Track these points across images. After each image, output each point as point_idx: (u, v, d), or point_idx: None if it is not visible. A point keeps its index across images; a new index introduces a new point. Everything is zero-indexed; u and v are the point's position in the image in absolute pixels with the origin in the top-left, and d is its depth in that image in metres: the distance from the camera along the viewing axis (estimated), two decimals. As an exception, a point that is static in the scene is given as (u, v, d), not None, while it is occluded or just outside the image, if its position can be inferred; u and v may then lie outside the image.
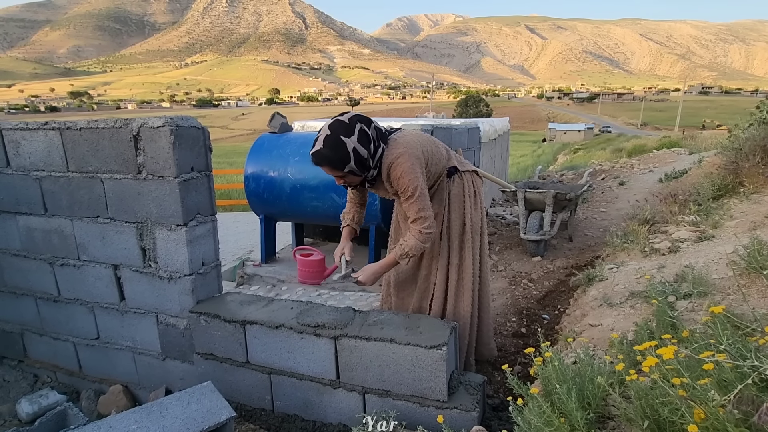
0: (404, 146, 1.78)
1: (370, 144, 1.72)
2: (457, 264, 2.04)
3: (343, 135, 1.67)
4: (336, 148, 1.67)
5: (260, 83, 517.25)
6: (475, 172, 2.13)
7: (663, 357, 0.99)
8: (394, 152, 1.76)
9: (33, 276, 2.31)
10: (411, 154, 1.77)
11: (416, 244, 1.80)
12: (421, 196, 1.76)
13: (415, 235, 1.79)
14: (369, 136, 1.72)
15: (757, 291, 1.83)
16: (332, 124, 1.71)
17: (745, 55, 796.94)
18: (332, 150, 1.67)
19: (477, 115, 40.41)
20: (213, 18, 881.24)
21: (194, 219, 1.96)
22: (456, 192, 2.01)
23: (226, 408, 1.59)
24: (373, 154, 1.73)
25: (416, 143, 1.84)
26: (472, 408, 1.63)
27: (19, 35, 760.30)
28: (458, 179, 2.03)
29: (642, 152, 11.30)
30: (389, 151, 1.77)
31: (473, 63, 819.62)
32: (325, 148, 1.68)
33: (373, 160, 1.75)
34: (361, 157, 1.70)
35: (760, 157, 3.73)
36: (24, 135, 2.09)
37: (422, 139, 1.91)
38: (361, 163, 1.71)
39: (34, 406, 2.11)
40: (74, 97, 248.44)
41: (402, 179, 1.74)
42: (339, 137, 1.67)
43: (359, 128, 1.70)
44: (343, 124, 1.70)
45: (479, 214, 2.09)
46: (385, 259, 1.91)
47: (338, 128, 1.69)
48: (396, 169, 1.74)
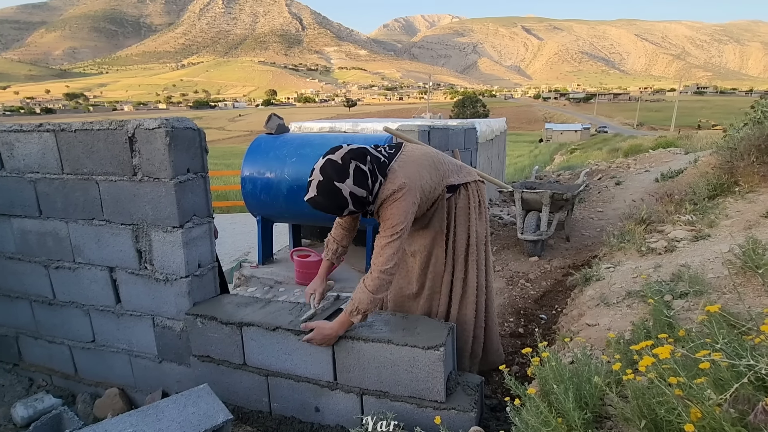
0: (406, 178, 1.64)
1: (367, 181, 1.57)
2: (462, 278, 1.99)
3: (336, 180, 1.53)
4: (331, 195, 1.54)
5: (257, 84, 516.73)
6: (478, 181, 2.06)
7: (659, 356, 1.00)
8: (394, 184, 1.62)
9: (28, 279, 2.29)
10: (410, 190, 1.63)
11: (367, 296, 1.60)
12: (402, 236, 1.62)
13: (370, 283, 1.61)
14: (365, 173, 1.57)
15: (753, 290, 1.84)
16: (324, 167, 1.56)
17: (740, 56, 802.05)
18: (327, 198, 1.54)
19: (474, 116, 40.48)
20: (209, 19, 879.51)
21: (190, 221, 1.95)
22: (462, 205, 1.95)
23: (222, 411, 1.58)
24: (371, 189, 1.60)
25: (416, 175, 1.69)
26: (469, 409, 1.63)
27: (14, 37, 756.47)
28: (463, 191, 1.96)
29: (638, 152, 11.35)
30: (389, 182, 1.63)
31: (470, 64, 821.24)
32: (319, 195, 1.55)
33: (373, 195, 1.61)
34: (359, 199, 1.57)
35: (755, 157, 3.75)
36: (18, 137, 2.08)
37: (426, 163, 1.77)
38: (360, 203, 1.59)
39: (29, 410, 2.09)
40: (70, 98, 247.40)
41: (393, 217, 1.61)
42: (333, 184, 1.53)
43: (354, 167, 1.55)
44: (336, 165, 1.54)
45: (483, 223, 2.04)
46: (338, 320, 1.69)
47: (331, 172, 1.54)
48: (390, 206, 1.62)
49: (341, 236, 1.93)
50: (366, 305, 1.62)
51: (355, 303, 1.63)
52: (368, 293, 1.61)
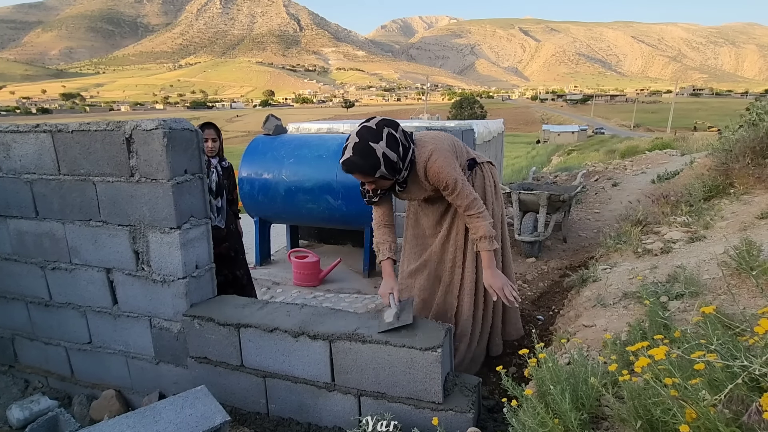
0: (432, 143, 1.79)
1: (398, 147, 1.71)
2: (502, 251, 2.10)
3: (371, 141, 1.67)
4: (366, 155, 1.66)
5: (255, 85, 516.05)
6: (490, 163, 2.17)
7: (655, 357, 1.00)
8: (425, 150, 1.77)
9: (24, 280, 2.28)
10: (442, 148, 1.78)
11: (486, 224, 1.80)
12: (465, 185, 1.79)
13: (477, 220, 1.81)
14: (397, 139, 1.72)
15: (748, 291, 1.85)
16: (360, 131, 1.70)
17: (735, 58, 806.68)
18: (362, 157, 1.66)
19: (471, 117, 40.55)
20: (207, 20, 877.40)
21: (188, 222, 1.95)
22: (479, 184, 2.04)
23: (220, 412, 1.58)
24: (403, 156, 1.73)
25: (442, 138, 1.86)
26: (467, 409, 1.64)
27: (10, 36, 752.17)
28: (479, 171, 2.06)
29: (635, 153, 11.40)
30: (420, 150, 1.78)
31: (467, 65, 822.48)
32: (355, 155, 1.67)
33: (404, 163, 1.74)
34: (391, 161, 1.69)
35: (750, 159, 3.77)
36: (15, 137, 2.07)
37: (444, 135, 1.93)
38: (392, 167, 1.71)
39: (25, 412, 2.08)
40: (66, 98, 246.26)
41: (441, 174, 1.75)
42: (368, 143, 1.66)
43: (387, 132, 1.69)
44: (371, 130, 1.69)
45: (500, 203, 2.13)
46: (487, 259, 1.85)
47: (366, 135, 1.68)
48: (433, 166, 1.75)
49: (385, 233, 1.99)
50: (491, 228, 1.82)
51: (484, 233, 1.81)
52: (486, 223, 1.80)
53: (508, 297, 1.86)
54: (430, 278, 2.11)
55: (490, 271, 1.87)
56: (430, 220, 2.07)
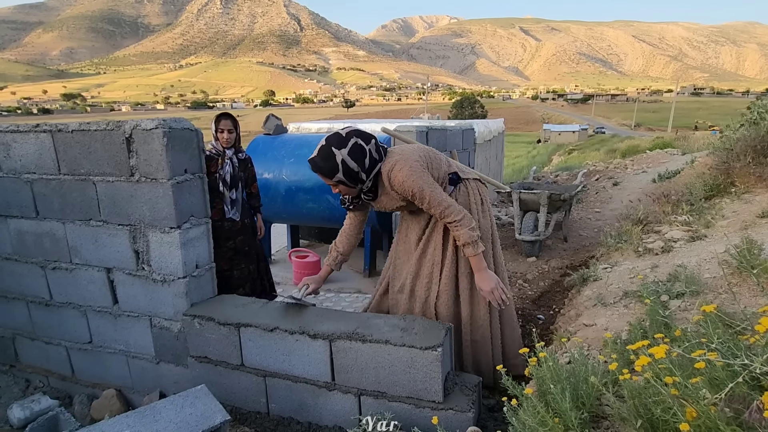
0: (399, 154, 1.82)
1: (364, 158, 1.76)
2: (468, 273, 1.98)
3: (334, 146, 1.74)
4: (326, 158, 1.74)
5: (255, 85, 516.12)
6: (479, 180, 2.12)
7: (655, 356, 1.00)
8: (389, 162, 1.80)
9: (24, 280, 2.28)
10: (407, 158, 1.79)
11: (465, 231, 1.78)
12: (435, 192, 1.76)
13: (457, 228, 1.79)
14: (365, 150, 1.76)
15: (748, 290, 1.85)
16: (329, 136, 1.78)
17: (736, 57, 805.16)
18: (322, 159, 1.75)
19: (472, 117, 40.54)
20: (207, 20, 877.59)
21: (188, 221, 1.95)
22: (462, 201, 1.98)
23: (220, 411, 1.58)
24: (368, 168, 1.77)
25: (412, 150, 1.89)
26: (467, 409, 1.63)
27: (11, 37, 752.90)
28: (463, 188, 2.01)
29: (635, 153, 11.39)
30: (385, 162, 1.82)
31: (468, 65, 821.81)
32: (317, 156, 1.76)
33: (368, 174, 1.78)
34: (350, 169, 1.74)
35: (751, 158, 3.76)
36: (15, 137, 2.07)
37: (418, 147, 1.97)
38: (351, 175, 1.76)
39: (25, 412, 2.09)
40: (67, 99, 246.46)
41: (406, 183, 1.75)
42: (330, 148, 1.74)
43: (353, 142, 1.75)
44: (340, 137, 1.76)
45: (488, 221, 2.05)
46: (476, 262, 1.83)
47: (332, 140, 1.76)
48: (398, 175, 1.76)
49: (343, 244, 2.06)
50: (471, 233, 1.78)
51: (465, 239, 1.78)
52: (464, 228, 1.78)
53: (497, 300, 1.83)
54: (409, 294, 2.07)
55: (479, 275, 1.84)
56: (415, 233, 2.05)
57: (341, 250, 2.06)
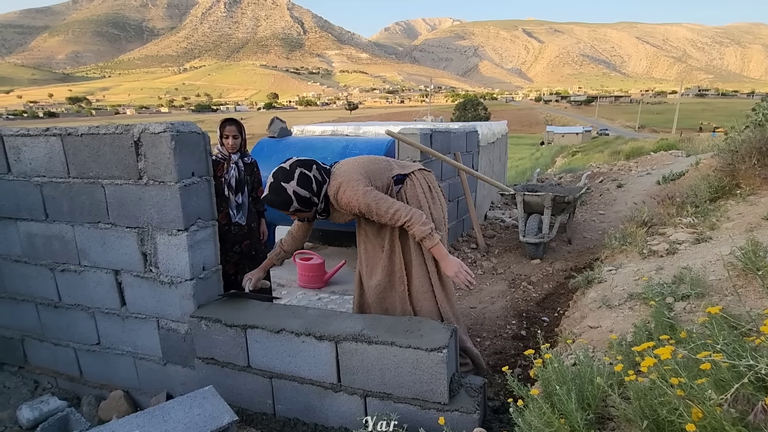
0: (341, 175, 1.92)
1: (311, 184, 1.89)
2: (436, 270, 2.04)
3: (282, 181, 1.87)
4: (278, 193, 1.87)
5: (259, 88, 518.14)
6: (423, 169, 2.17)
7: (661, 357, 1.01)
8: (334, 184, 1.92)
9: (34, 282, 2.31)
10: (350, 179, 1.89)
11: (417, 227, 1.84)
12: (380, 204, 1.84)
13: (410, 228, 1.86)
14: (309, 177, 1.89)
15: (754, 291, 1.85)
16: (275, 172, 1.90)
17: (741, 58, 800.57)
18: (275, 195, 1.87)
19: (475, 119, 40.51)
20: (211, 23, 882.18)
21: (195, 224, 1.97)
22: (411, 194, 2.04)
23: (228, 412, 1.59)
24: (316, 192, 1.91)
25: (353, 168, 1.96)
26: (473, 410, 1.64)
27: (17, 41, 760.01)
28: (409, 182, 2.07)
29: (639, 154, 11.35)
30: (330, 184, 1.93)
31: (471, 67, 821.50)
32: (270, 194, 1.89)
33: (318, 197, 1.92)
34: (303, 197, 1.88)
35: (756, 159, 3.75)
36: (25, 141, 2.10)
37: (359, 162, 2.02)
38: (305, 202, 1.89)
39: (34, 413, 2.11)
40: (73, 102, 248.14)
41: (352, 203, 1.87)
42: (280, 183, 1.87)
43: (299, 173, 1.88)
44: (284, 170, 1.89)
45: (438, 207, 2.12)
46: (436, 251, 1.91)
47: (279, 176, 1.89)
48: (343, 197, 1.88)
49: (289, 244, 2.21)
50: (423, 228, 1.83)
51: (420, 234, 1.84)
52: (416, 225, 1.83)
53: (463, 281, 1.89)
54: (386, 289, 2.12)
55: (442, 263, 1.93)
56: (373, 237, 2.12)
57: (286, 248, 2.20)
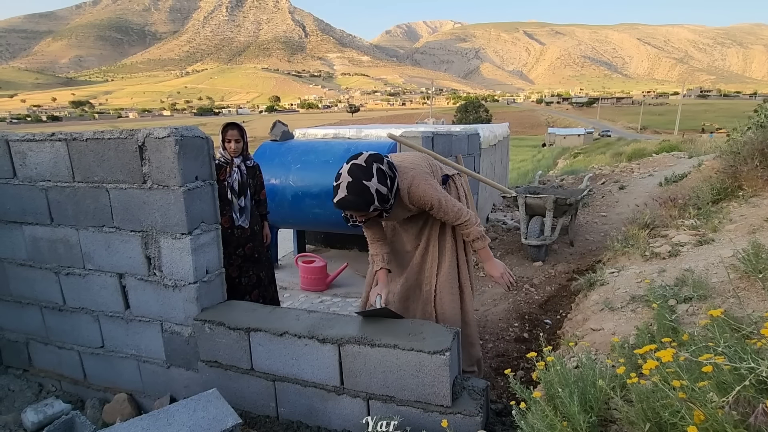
0: (412, 169, 1.88)
1: (386, 180, 1.78)
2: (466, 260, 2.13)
3: (364, 179, 1.73)
4: (360, 192, 1.73)
5: (260, 91, 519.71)
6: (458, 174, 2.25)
7: (662, 360, 1.01)
8: (407, 176, 1.86)
9: (38, 285, 2.33)
10: (421, 173, 1.88)
11: (474, 228, 1.93)
12: (448, 200, 1.88)
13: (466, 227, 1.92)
14: (385, 173, 1.79)
15: (756, 294, 1.85)
16: (351, 170, 1.75)
17: (743, 59, 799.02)
18: (357, 195, 1.73)
19: (476, 121, 40.49)
20: (213, 27, 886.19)
21: (198, 227, 1.98)
22: (453, 195, 2.10)
23: (231, 415, 1.60)
24: (391, 187, 1.80)
25: (418, 161, 1.96)
26: (475, 413, 1.64)
27: (21, 46, 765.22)
28: (452, 184, 2.13)
29: (642, 156, 11.34)
30: (401, 177, 1.86)
31: (472, 69, 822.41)
32: (350, 194, 1.73)
33: (392, 193, 1.81)
34: (383, 195, 1.77)
35: (759, 161, 3.75)
36: (31, 146, 2.13)
37: (422, 157, 2.05)
38: (384, 200, 1.78)
39: (39, 416, 2.12)
40: (76, 106, 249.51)
41: (425, 197, 1.85)
42: (361, 182, 1.73)
43: (376, 168, 1.76)
44: (362, 167, 1.75)
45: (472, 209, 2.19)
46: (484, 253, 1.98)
47: (358, 173, 1.74)
48: (416, 191, 1.84)
49: (380, 246, 2.10)
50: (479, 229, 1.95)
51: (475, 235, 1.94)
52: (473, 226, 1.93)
53: (507, 283, 1.99)
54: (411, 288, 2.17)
55: (488, 264, 2.01)
56: (409, 235, 2.14)
57: (383, 250, 2.10)
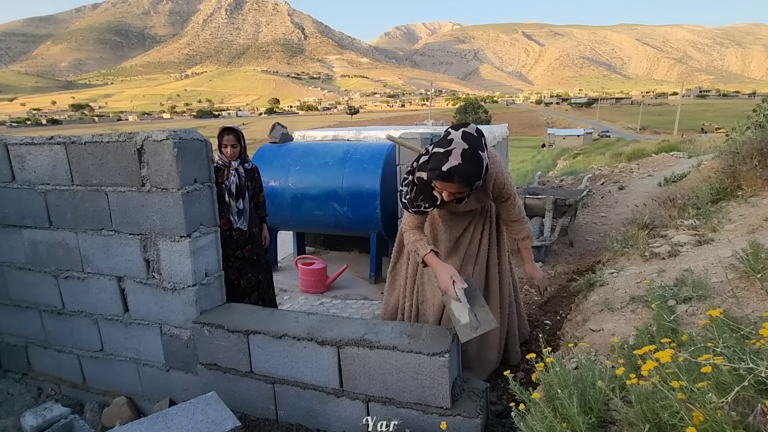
0: (495, 156, 1.84)
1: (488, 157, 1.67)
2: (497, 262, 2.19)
3: (480, 150, 1.57)
4: (476, 163, 1.55)
5: (260, 93, 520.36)
6: None
7: (661, 361, 1.01)
8: (496, 161, 1.81)
9: (38, 289, 2.33)
10: (501, 161, 1.87)
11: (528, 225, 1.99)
12: (517, 194, 1.92)
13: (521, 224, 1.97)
14: (486, 150, 1.65)
15: (756, 294, 1.85)
16: (466, 137, 1.57)
17: (742, 59, 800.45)
18: (472, 165, 1.54)
19: (476, 122, 40.44)
20: (213, 30, 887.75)
21: (197, 230, 1.98)
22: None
23: (231, 418, 1.59)
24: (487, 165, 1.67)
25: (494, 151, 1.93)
26: (475, 414, 1.64)
27: (21, 49, 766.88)
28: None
29: (641, 156, 11.34)
30: (491, 161, 1.74)
31: (471, 70, 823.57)
32: (464, 163, 1.53)
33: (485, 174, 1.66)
34: (485, 172, 1.62)
35: (758, 161, 3.75)
36: (29, 149, 2.13)
37: None
38: (483, 178, 1.63)
39: (38, 419, 2.12)
40: (75, 109, 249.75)
41: (508, 185, 1.86)
42: (477, 152, 1.55)
43: (484, 141, 1.62)
44: (474, 137, 1.57)
45: None
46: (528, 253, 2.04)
47: (473, 141, 1.56)
48: (501, 178, 1.83)
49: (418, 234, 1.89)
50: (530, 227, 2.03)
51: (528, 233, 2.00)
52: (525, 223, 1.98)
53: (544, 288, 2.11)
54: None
55: (530, 265, 2.07)
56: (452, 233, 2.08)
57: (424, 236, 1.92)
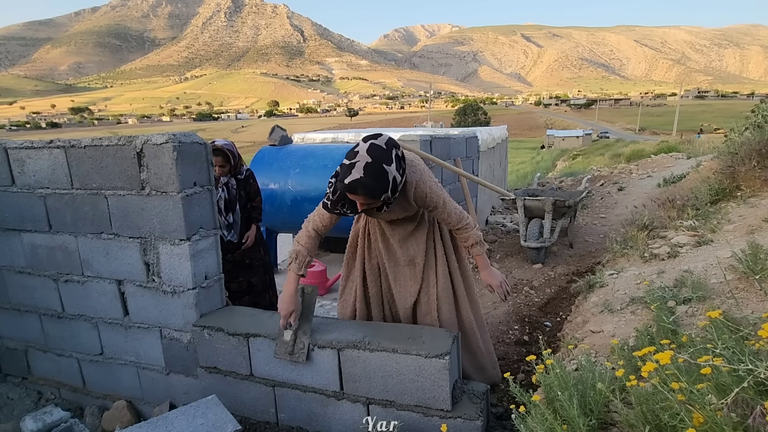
0: (419, 163, 1.78)
1: (401, 169, 1.63)
2: (458, 267, 2.07)
3: (385, 163, 1.53)
4: (379, 178, 1.52)
5: (259, 96, 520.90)
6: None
7: (661, 362, 1.01)
8: (415, 171, 1.73)
9: (37, 293, 2.32)
10: (425, 168, 1.79)
11: (474, 232, 1.84)
12: (451, 201, 1.81)
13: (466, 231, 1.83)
14: (401, 161, 1.64)
15: (755, 294, 1.85)
16: (371, 150, 1.55)
17: (740, 59, 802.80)
18: (375, 180, 1.52)
19: (475, 124, 40.58)
20: (212, 33, 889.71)
21: (197, 233, 1.98)
22: None
23: (231, 421, 1.59)
24: (401, 179, 1.64)
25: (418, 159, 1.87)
26: (476, 417, 1.64)
27: (20, 53, 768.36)
28: None
29: (640, 157, 11.36)
30: (410, 171, 1.72)
31: (470, 72, 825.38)
32: (367, 177, 1.51)
33: (400, 186, 1.65)
34: (396, 185, 1.59)
35: (756, 161, 3.76)
36: (29, 153, 2.13)
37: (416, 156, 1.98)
38: (395, 191, 1.60)
39: (38, 424, 2.11)
40: (75, 113, 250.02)
41: (432, 195, 1.73)
42: (381, 166, 1.52)
43: (395, 154, 1.59)
44: (382, 150, 1.56)
45: None
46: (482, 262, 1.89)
47: (379, 155, 1.54)
48: (423, 188, 1.72)
49: (312, 246, 1.84)
50: (478, 233, 1.85)
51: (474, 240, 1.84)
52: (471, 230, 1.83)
53: (504, 292, 1.92)
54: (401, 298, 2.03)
55: (485, 272, 1.92)
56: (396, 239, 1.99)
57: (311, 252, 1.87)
